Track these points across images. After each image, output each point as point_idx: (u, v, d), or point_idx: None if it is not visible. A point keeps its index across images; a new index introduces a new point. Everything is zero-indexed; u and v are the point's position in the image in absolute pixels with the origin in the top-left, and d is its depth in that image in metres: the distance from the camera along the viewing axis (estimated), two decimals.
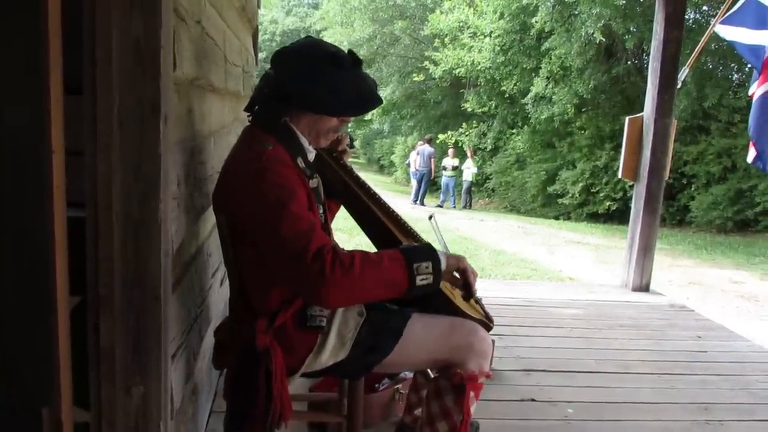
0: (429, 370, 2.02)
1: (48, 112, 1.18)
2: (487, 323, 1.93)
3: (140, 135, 1.25)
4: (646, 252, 4.99)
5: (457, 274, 1.71)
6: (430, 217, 2.19)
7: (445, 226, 11.17)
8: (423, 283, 1.55)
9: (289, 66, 1.64)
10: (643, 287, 5.02)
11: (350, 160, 2.06)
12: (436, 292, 1.76)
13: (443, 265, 1.60)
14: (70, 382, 1.28)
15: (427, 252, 1.59)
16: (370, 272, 1.49)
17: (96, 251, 1.27)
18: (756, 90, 4.44)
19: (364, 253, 1.52)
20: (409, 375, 2.40)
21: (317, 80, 1.61)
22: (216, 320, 2.32)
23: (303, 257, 1.44)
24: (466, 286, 1.71)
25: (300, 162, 1.66)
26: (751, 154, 4.56)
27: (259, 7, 4.52)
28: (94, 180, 1.25)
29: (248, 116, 1.75)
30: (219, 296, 2.50)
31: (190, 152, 1.77)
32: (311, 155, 1.75)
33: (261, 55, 6.58)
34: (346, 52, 1.69)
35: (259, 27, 4.72)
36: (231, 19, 2.72)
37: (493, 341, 1.96)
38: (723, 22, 4.71)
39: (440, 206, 16.44)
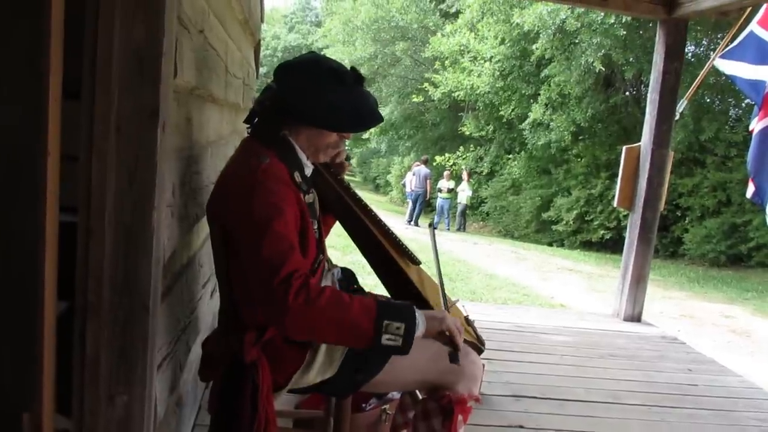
0: (417, 392, 2.00)
1: (45, 114, 1.17)
2: (478, 346, 1.92)
3: (137, 141, 1.24)
4: (639, 282, 4.99)
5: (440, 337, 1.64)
6: (431, 225, 2.18)
7: (439, 248, 11.15)
8: (389, 343, 1.49)
9: (291, 80, 1.64)
10: (635, 317, 5.01)
11: (346, 178, 2.05)
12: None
13: (420, 330, 1.54)
14: (52, 388, 1.26)
15: (403, 312, 1.53)
16: (334, 312, 1.45)
17: (86, 257, 1.25)
18: (756, 125, 4.46)
19: (336, 292, 1.49)
20: (397, 396, 2.37)
21: (318, 95, 1.60)
22: (205, 332, 2.29)
23: (271, 278, 1.41)
24: (452, 344, 1.64)
25: (297, 176, 1.65)
26: (750, 190, 4.57)
27: (262, 21, 4.54)
28: (88, 184, 1.24)
29: (247, 128, 1.74)
30: (209, 308, 2.47)
31: (186, 161, 1.76)
32: (308, 170, 1.74)
33: (262, 70, 6.61)
34: (349, 68, 1.68)
35: (262, 41, 4.74)
36: (234, 30, 2.73)
37: (483, 365, 1.94)
38: (723, 56, 4.75)
39: (435, 227, 16.40)
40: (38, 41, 1.16)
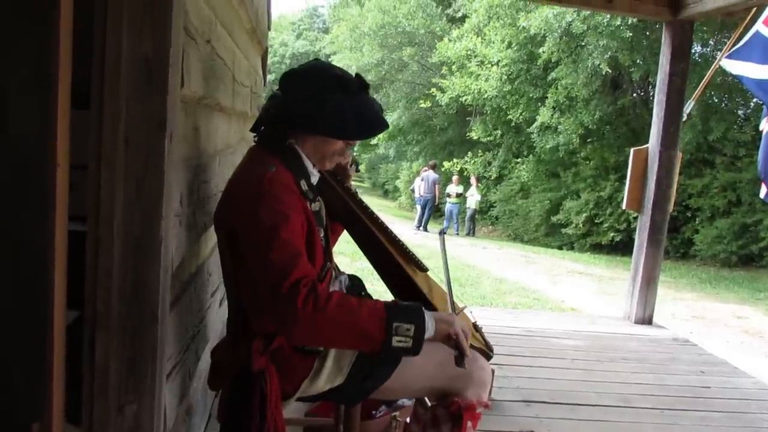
0: (426, 399, 1.99)
1: (54, 125, 1.18)
2: (487, 352, 1.91)
3: (145, 151, 1.25)
4: (649, 284, 4.96)
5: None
6: (441, 233, 2.17)
7: (448, 253, 11.13)
8: (400, 345, 1.48)
9: (296, 88, 1.65)
10: (646, 320, 4.98)
11: (355, 184, 2.06)
12: None
13: (429, 332, 1.53)
14: (62, 397, 1.26)
15: (413, 313, 1.52)
16: (343, 317, 1.45)
17: (95, 266, 1.26)
18: (765, 125, 4.44)
19: (343, 297, 1.49)
20: (407, 402, 2.37)
21: (323, 103, 1.61)
22: (214, 340, 2.30)
23: (279, 286, 1.42)
24: (459, 350, 1.62)
25: (303, 185, 1.65)
26: (763, 191, 4.55)
27: (269, 29, 4.56)
28: (96, 194, 1.25)
29: (254, 137, 1.75)
30: (218, 316, 2.48)
31: (194, 170, 1.77)
32: (315, 178, 1.74)
33: (270, 77, 6.63)
34: (354, 75, 1.69)
35: (269, 49, 4.76)
36: (241, 40, 2.74)
37: (493, 371, 1.94)
38: (729, 57, 4.73)
39: (444, 233, 16.40)
40: (47, 53, 1.17)
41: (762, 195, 4.60)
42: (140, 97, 1.24)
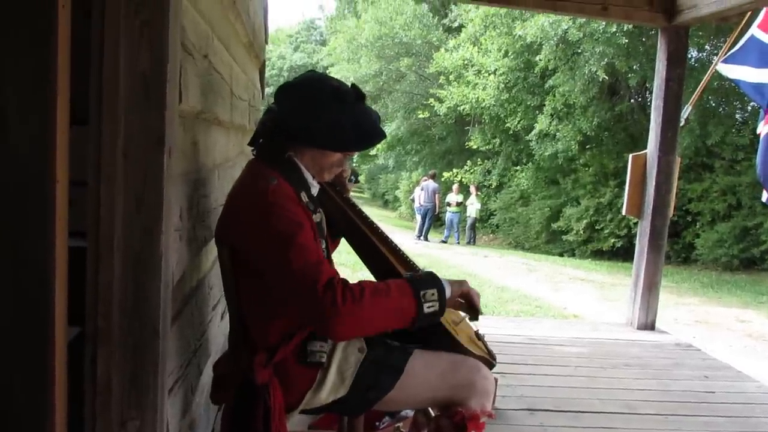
0: (430, 409, 1.99)
1: (53, 142, 1.18)
2: (489, 361, 1.90)
3: (144, 166, 1.26)
4: (651, 289, 4.95)
5: (461, 299, 1.72)
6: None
7: (448, 262, 11.15)
8: (430, 310, 1.56)
9: (292, 101, 1.66)
10: (649, 325, 4.97)
11: (355, 194, 2.06)
12: (438, 328, 1.75)
13: (448, 292, 1.62)
14: (65, 414, 1.26)
15: (432, 280, 1.61)
16: (379, 302, 1.50)
17: (96, 282, 1.26)
18: (763, 128, 4.45)
19: (372, 284, 1.53)
20: (410, 413, 2.36)
21: (320, 115, 1.61)
22: (215, 354, 2.29)
23: (314, 289, 1.44)
24: (472, 309, 1.73)
25: (303, 196, 1.66)
26: (765, 194, 4.58)
27: (266, 42, 4.58)
28: (96, 210, 1.25)
29: (252, 150, 1.76)
30: (219, 330, 2.48)
31: (193, 184, 1.77)
32: (315, 190, 1.75)
33: (268, 90, 6.65)
34: (350, 86, 1.70)
35: (267, 62, 4.78)
36: (238, 54, 2.75)
37: (496, 379, 1.93)
38: (725, 61, 4.75)
39: (444, 242, 16.43)
40: (45, 69, 1.18)
41: (764, 199, 4.62)
42: (139, 112, 1.25)
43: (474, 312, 1.75)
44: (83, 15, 1.30)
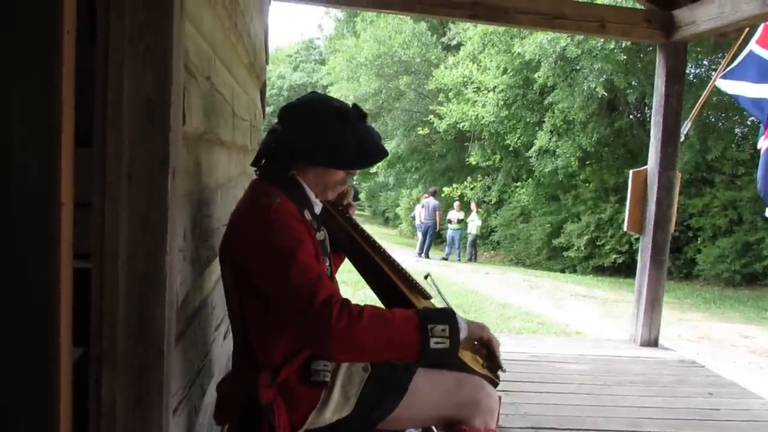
0: (434, 427, 1.98)
1: (58, 164, 1.19)
2: (493, 379, 1.90)
3: (149, 188, 1.27)
4: (653, 305, 4.94)
5: (478, 343, 1.69)
6: (426, 277, 2.14)
7: (450, 279, 11.12)
8: (438, 346, 1.49)
9: (295, 121, 1.67)
10: (652, 342, 4.95)
11: (355, 212, 2.07)
12: None
13: (463, 332, 1.56)
14: None
15: (445, 316, 1.55)
16: (378, 327, 1.47)
17: (101, 303, 1.26)
18: (763, 144, 4.47)
19: (375, 308, 1.51)
20: None
21: (323, 134, 1.63)
22: (219, 374, 2.29)
23: (310, 306, 1.43)
24: (491, 357, 1.66)
25: (307, 214, 1.67)
26: None
27: (267, 63, 4.62)
28: (101, 232, 1.26)
29: (255, 171, 1.77)
30: (222, 350, 2.47)
31: (196, 205, 1.78)
32: (318, 208, 1.76)
33: (268, 109, 6.69)
34: (351, 106, 1.72)
35: (267, 82, 4.81)
36: (240, 74, 2.78)
37: (500, 397, 1.92)
38: (724, 77, 4.79)
39: (445, 259, 16.41)
40: (51, 92, 1.19)
41: (767, 214, 4.63)
42: (143, 135, 1.26)
43: (494, 363, 1.65)
44: (88, 40, 1.31)
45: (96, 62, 1.25)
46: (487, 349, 1.68)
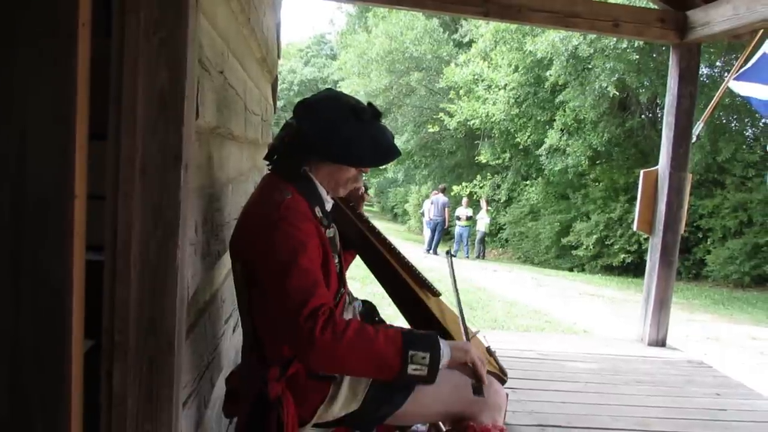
0: (441, 423, 1.99)
1: (72, 158, 1.20)
2: (500, 376, 1.90)
3: (161, 182, 1.27)
4: (662, 306, 4.93)
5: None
6: (448, 253, 2.18)
7: (458, 276, 11.09)
8: (415, 373, 1.49)
9: (310, 117, 1.68)
10: (660, 342, 4.94)
11: (364, 208, 2.08)
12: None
13: (445, 360, 1.54)
14: (80, 427, 1.27)
15: (430, 342, 1.53)
16: (361, 345, 1.46)
17: (112, 296, 1.27)
18: None
19: (361, 325, 1.50)
20: (422, 428, 2.36)
21: (338, 131, 1.63)
22: (228, 368, 2.30)
23: (298, 314, 1.43)
24: (477, 378, 1.64)
25: (318, 211, 1.67)
26: None
27: (279, 57, 4.62)
28: (114, 225, 1.27)
29: (267, 165, 1.77)
30: (231, 343, 2.48)
31: (208, 199, 1.79)
32: (329, 205, 1.77)
33: (279, 104, 6.70)
34: (366, 104, 1.72)
35: (278, 76, 4.81)
36: (252, 69, 2.78)
37: (507, 395, 1.93)
38: (737, 78, 4.75)
39: (453, 256, 16.37)
40: (65, 86, 1.20)
41: None
42: (156, 129, 1.27)
43: (478, 381, 1.61)
44: (103, 33, 1.32)
45: (111, 55, 1.26)
46: (473, 371, 1.62)
